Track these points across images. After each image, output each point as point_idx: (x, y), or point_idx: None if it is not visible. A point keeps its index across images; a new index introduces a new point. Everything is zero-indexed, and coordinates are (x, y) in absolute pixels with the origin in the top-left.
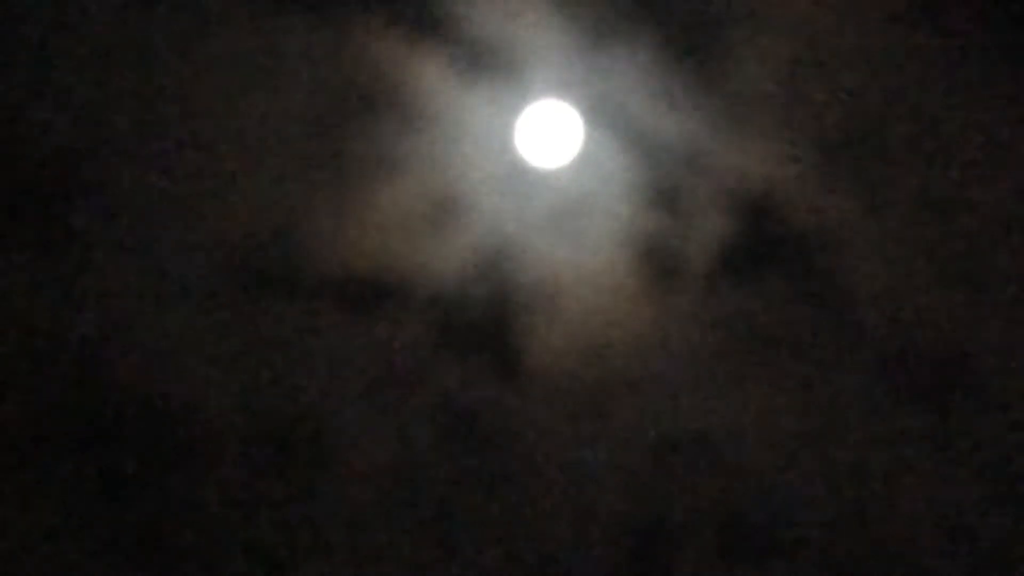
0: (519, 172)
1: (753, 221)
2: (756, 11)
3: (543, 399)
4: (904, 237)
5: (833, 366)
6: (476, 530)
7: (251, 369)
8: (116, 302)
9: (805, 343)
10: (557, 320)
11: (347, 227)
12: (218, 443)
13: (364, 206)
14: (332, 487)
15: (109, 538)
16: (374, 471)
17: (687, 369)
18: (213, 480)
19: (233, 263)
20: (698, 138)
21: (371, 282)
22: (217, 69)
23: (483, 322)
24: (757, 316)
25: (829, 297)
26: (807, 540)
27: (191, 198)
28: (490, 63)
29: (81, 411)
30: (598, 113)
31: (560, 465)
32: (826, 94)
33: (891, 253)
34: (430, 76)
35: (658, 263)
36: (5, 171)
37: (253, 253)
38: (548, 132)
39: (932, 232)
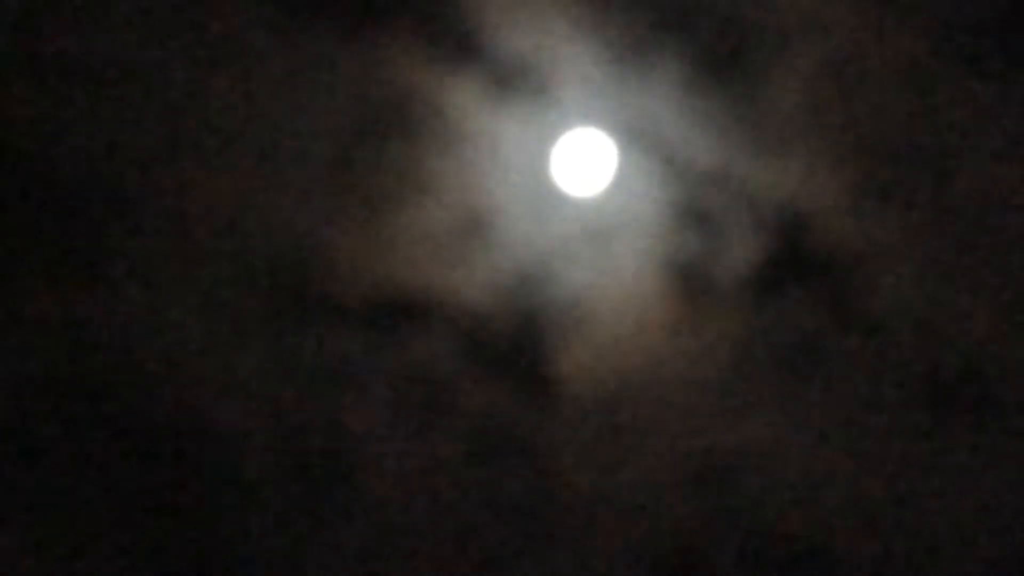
0: (550, 194)
1: (786, 242)
2: (786, 31)
3: (572, 422)
4: (939, 257)
5: (868, 388)
6: (504, 552)
7: (279, 388)
8: (145, 319)
9: (840, 365)
10: (587, 342)
11: (377, 248)
12: (246, 462)
13: (395, 227)
14: (360, 507)
15: (143, 557)
16: (402, 491)
17: (719, 392)
18: (241, 499)
19: (262, 283)
20: (729, 159)
21: (400, 303)
22: (249, 89)
23: (513, 344)
24: (790, 338)
25: (863, 318)
26: (841, 564)
27: (221, 219)
28: (522, 85)
29: (111, 426)
30: (630, 136)
31: (589, 488)
32: (858, 113)
33: (926, 273)
34: (461, 97)
35: (690, 285)
36: (37, 196)
37: (282, 273)
38: (580, 156)
39: (967, 251)
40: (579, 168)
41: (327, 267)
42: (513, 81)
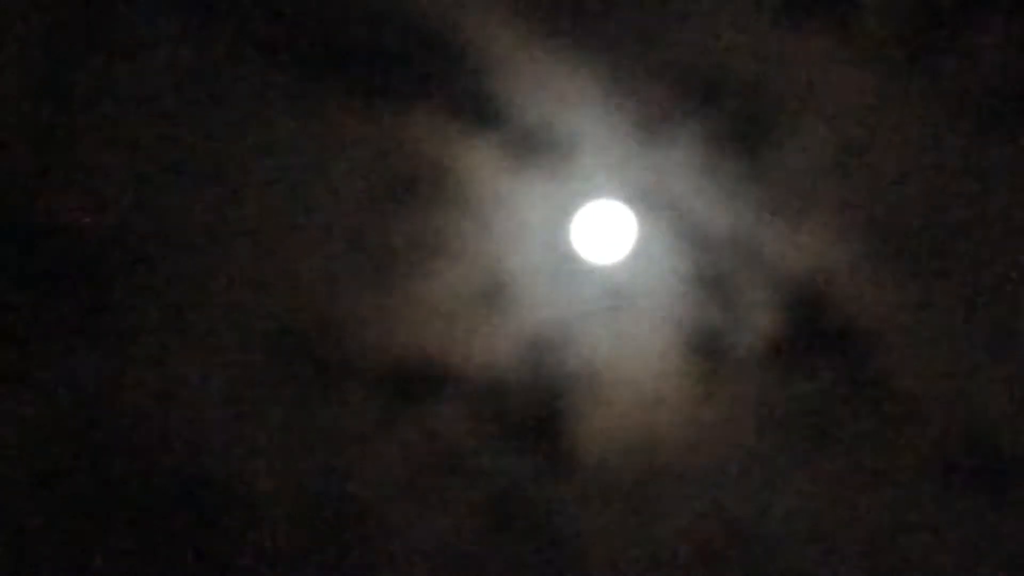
0: (570, 262)
1: (804, 311)
2: (805, 100)
3: (591, 489)
4: (957, 327)
5: (885, 458)
6: None
7: (298, 454)
8: (165, 385)
9: (857, 431)
10: (607, 410)
11: (396, 314)
12: (262, 527)
13: (414, 294)
14: (375, 573)
15: None
16: (420, 560)
17: (737, 461)
18: (258, 563)
19: (281, 348)
20: (748, 229)
21: (419, 370)
22: (269, 153)
23: (532, 411)
24: (808, 407)
25: (881, 387)
26: None
27: (240, 282)
28: (542, 152)
29: (130, 490)
30: (649, 204)
31: (606, 558)
32: (877, 184)
33: (943, 343)
34: (482, 164)
35: (708, 354)
36: (60, 262)
37: (302, 338)
38: (600, 224)
39: (985, 323)
40: (598, 236)
41: (346, 333)
42: (534, 149)
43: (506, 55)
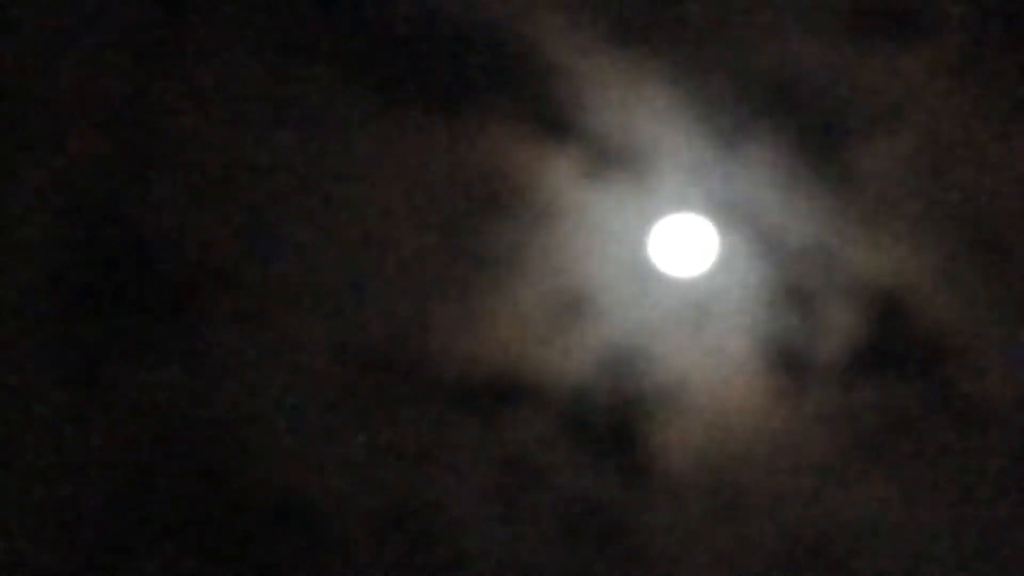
0: (648, 274)
1: (885, 321)
2: (882, 110)
3: (671, 502)
4: None
5: (969, 472)
6: None
7: (377, 469)
8: (242, 400)
9: (938, 444)
10: (686, 422)
11: (474, 328)
12: (343, 543)
13: (493, 306)
14: None
15: None
16: (498, 570)
17: (818, 472)
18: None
19: (361, 362)
20: (827, 239)
21: (497, 383)
22: (346, 168)
23: (610, 424)
24: (888, 417)
25: (958, 399)
26: None
27: (320, 297)
28: (620, 164)
29: (207, 507)
30: (728, 216)
31: (683, 566)
32: (956, 192)
33: None
34: (559, 175)
35: (789, 365)
36: (141, 276)
37: (381, 352)
38: (678, 235)
39: None
40: (677, 248)
41: (425, 347)
42: (611, 160)
43: (584, 66)
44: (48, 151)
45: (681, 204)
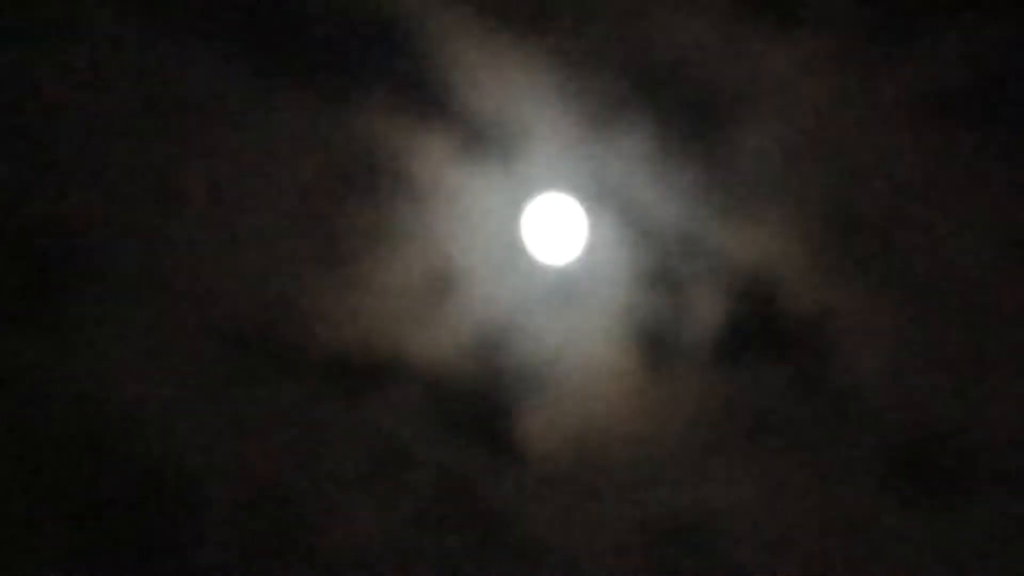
0: (519, 255)
1: (753, 304)
2: (757, 95)
3: (537, 481)
4: (905, 322)
5: (832, 452)
6: None
7: (244, 444)
8: (113, 374)
9: (804, 428)
10: (554, 402)
11: (344, 305)
12: (210, 515)
13: (361, 283)
14: (323, 562)
15: None
16: (365, 547)
17: (684, 455)
18: (205, 551)
19: (231, 338)
20: (699, 225)
21: (366, 360)
22: (214, 143)
23: (479, 402)
24: (756, 401)
25: (829, 382)
26: None
27: (189, 273)
28: (493, 145)
29: (77, 479)
30: (600, 199)
31: (552, 549)
32: (829, 181)
33: (892, 338)
34: (432, 156)
35: (657, 349)
36: (6, 252)
37: (251, 328)
38: (550, 218)
39: (932, 318)
40: (548, 229)
41: (294, 324)
42: (484, 140)
43: (458, 47)
44: None
45: (553, 186)
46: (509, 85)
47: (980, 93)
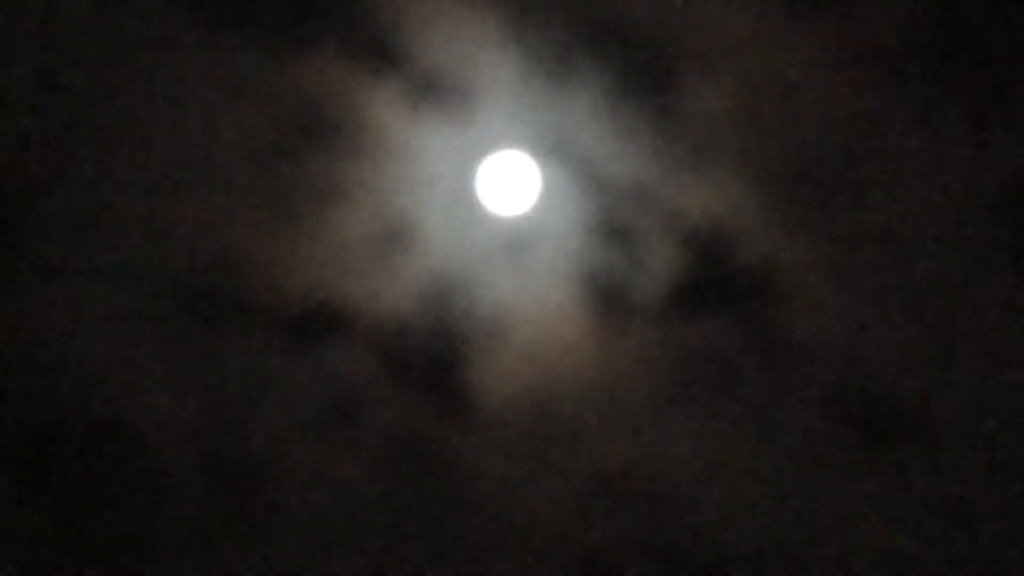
0: (470, 206)
1: (705, 258)
2: (709, 47)
3: (489, 433)
4: (855, 277)
5: (781, 404)
6: (418, 562)
7: (194, 396)
8: (61, 325)
9: (752, 384)
10: (504, 355)
11: (296, 257)
12: (160, 469)
13: (312, 235)
14: (274, 516)
15: (51, 563)
16: (314, 500)
17: (634, 407)
18: (154, 505)
19: (180, 290)
20: (650, 176)
21: (318, 312)
22: (164, 94)
23: (430, 355)
24: (706, 355)
25: (778, 337)
26: None
27: (137, 225)
28: (443, 97)
29: (26, 435)
30: (551, 150)
31: (501, 499)
32: (780, 132)
33: (841, 293)
34: (382, 107)
35: (609, 301)
36: None
37: (200, 280)
38: (501, 169)
39: (883, 272)
40: (499, 182)
41: (246, 276)
42: (435, 93)
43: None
44: None
45: (505, 139)
46: (462, 37)
47: (929, 44)
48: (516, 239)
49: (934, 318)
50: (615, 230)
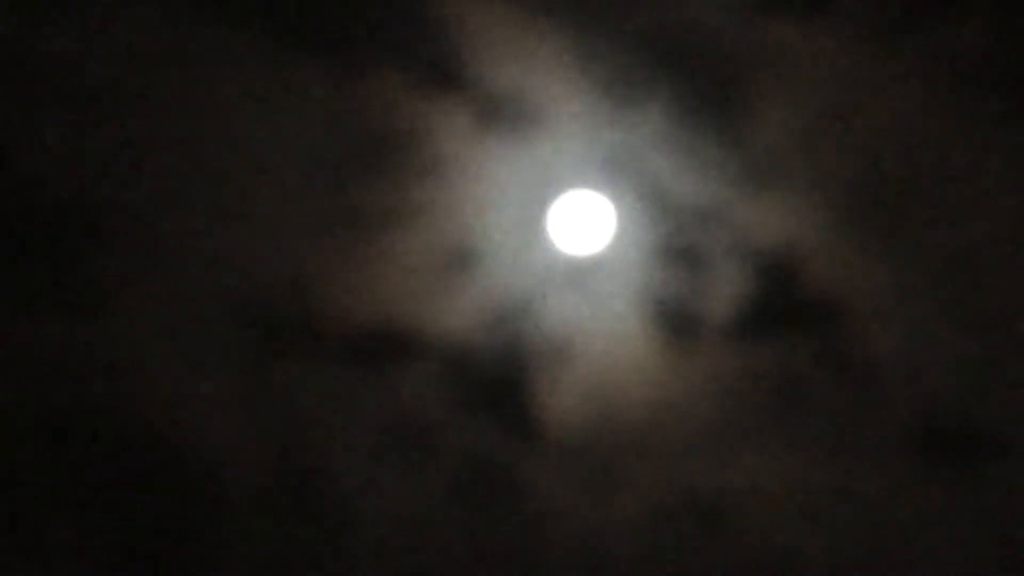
0: (537, 228)
1: (773, 281)
2: (778, 69)
3: (558, 461)
4: (927, 298)
5: (856, 433)
6: None
7: (261, 421)
8: (129, 352)
9: (824, 406)
10: (573, 378)
11: (362, 281)
12: (228, 494)
13: (381, 260)
14: (344, 542)
15: None
16: (384, 530)
17: (703, 431)
18: (223, 532)
19: (248, 315)
20: (719, 199)
21: (385, 337)
22: (229, 116)
23: (498, 379)
24: (776, 378)
25: (850, 358)
26: None
27: (205, 248)
28: (510, 119)
29: (93, 463)
30: (619, 174)
31: (574, 528)
32: (850, 154)
33: (914, 314)
34: (449, 130)
35: (676, 323)
36: (24, 224)
37: (266, 304)
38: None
39: (956, 293)
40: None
41: (312, 299)
42: (502, 115)
43: (477, 20)
44: None
45: (574, 161)
46: (529, 59)
47: (1004, 65)
48: (584, 261)
49: (1008, 338)
50: (684, 253)
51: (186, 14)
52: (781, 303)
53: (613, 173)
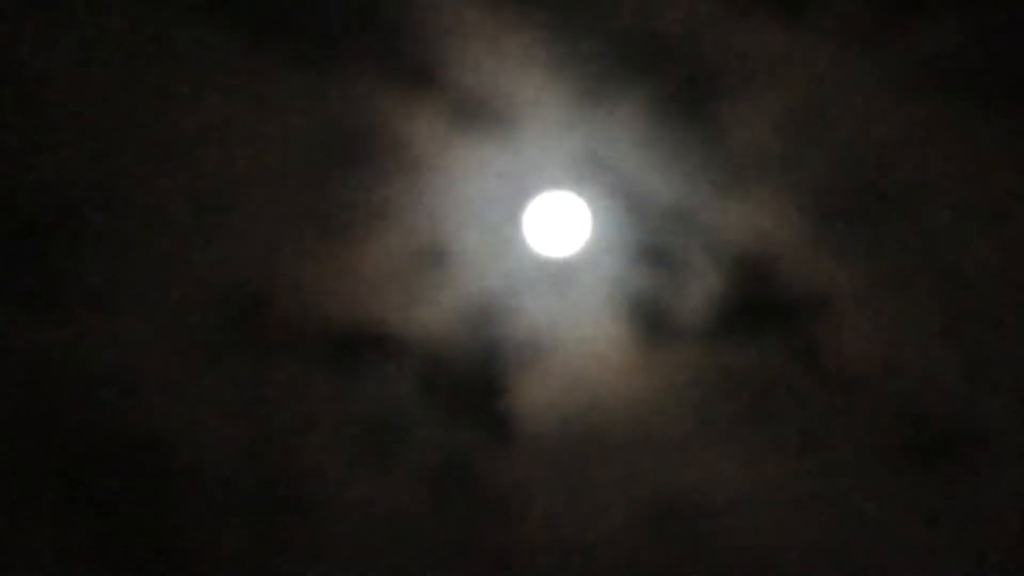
0: (511, 228)
1: (748, 281)
2: (751, 71)
3: (532, 456)
4: (901, 297)
5: (828, 429)
6: None
7: (238, 418)
8: (106, 351)
9: (799, 404)
10: (548, 378)
11: (337, 280)
12: (204, 491)
13: (355, 260)
14: (319, 541)
15: None
16: (358, 527)
17: (679, 430)
18: (199, 527)
19: (224, 314)
20: (693, 199)
21: (360, 335)
22: (206, 115)
23: (473, 378)
24: (751, 378)
25: (825, 357)
26: None
27: (180, 248)
28: (484, 119)
29: (70, 457)
30: (592, 174)
31: (546, 525)
32: (823, 155)
33: (888, 313)
34: (423, 129)
35: (651, 323)
36: (5, 223)
37: (243, 302)
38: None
39: (931, 292)
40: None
41: (287, 299)
42: (476, 116)
43: (450, 22)
44: None
45: (549, 163)
46: (503, 60)
47: (978, 68)
48: (558, 260)
49: (984, 339)
50: (659, 253)
51: (164, 13)
52: (756, 303)
53: (588, 174)
